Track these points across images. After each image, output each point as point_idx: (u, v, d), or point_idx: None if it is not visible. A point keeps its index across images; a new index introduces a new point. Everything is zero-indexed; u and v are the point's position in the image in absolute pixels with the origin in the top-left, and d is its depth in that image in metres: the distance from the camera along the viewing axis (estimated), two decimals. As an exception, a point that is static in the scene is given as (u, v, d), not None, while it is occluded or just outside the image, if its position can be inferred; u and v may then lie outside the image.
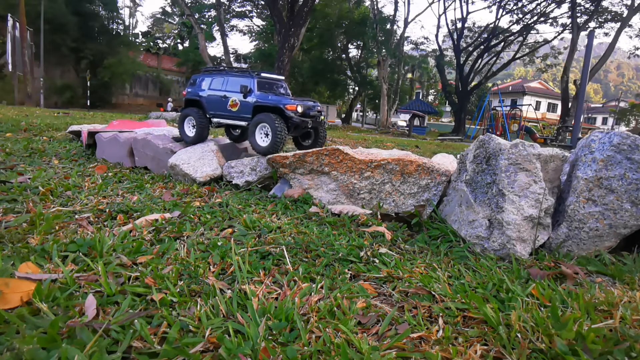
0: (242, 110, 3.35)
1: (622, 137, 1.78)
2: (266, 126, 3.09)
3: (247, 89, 3.30)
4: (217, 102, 3.51)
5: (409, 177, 2.43)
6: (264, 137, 3.12)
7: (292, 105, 3.14)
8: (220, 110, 3.50)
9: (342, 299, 1.25)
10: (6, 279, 1.18)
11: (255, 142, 3.15)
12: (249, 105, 3.30)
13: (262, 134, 3.13)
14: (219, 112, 3.51)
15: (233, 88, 3.44)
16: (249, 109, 3.29)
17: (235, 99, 3.37)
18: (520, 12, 23.43)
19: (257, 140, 3.14)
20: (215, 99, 3.52)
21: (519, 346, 1.01)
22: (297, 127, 3.23)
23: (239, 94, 3.36)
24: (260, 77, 3.42)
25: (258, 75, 3.42)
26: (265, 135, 3.10)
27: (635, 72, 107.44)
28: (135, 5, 34.43)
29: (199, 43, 20.53)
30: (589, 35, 8.98)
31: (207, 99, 3.58)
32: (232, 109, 3.40)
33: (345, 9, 27.35)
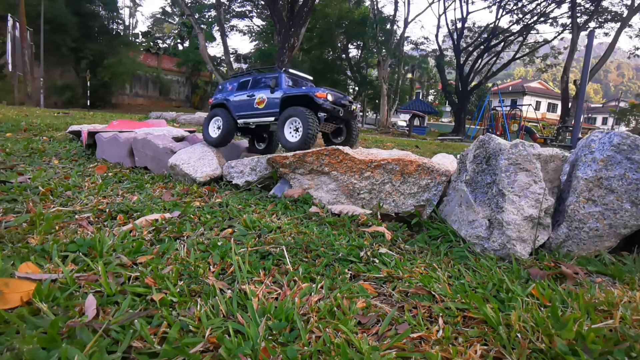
0: (269, 106, 3.27)
1: (622, 137, 1.78)
2: (296, 120, 2.97)
3: (275, 83, 3.23)
4: (243, 103, 3.45)
5: (409, 177, 2.43)
6: (293, 133, 3.01)
7: (322, 92, 3.04)
8: (246, 111, 3.43)
9: (342, 299, 1.25)
10: (6, 279, 1.18)
11: (284, 138, 3.05)
12: (277, 99, 3.21)
13: (291, 129, 3.02)
14: (246, 112, 3.44)
15: (259, 86, 3.39)
16: (277, 104, 3.20)
17: (262, 95, 3.31)
18: (520, 12, 23.44)
19: (287, 136, 3.04)
20: (242, 100, 3.46)
21: (519, 346, 1.01)
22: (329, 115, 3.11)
23: (265, 91, 3.30)
24: (287, 72, 3.37)
25: (286, 71, 3.37)
26: (295, 131, 2.99)
27: (635, 72, 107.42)
28: (135, 5, 34.42)
29: (199, 43, 20.53)
30: (589, 35, 8.99)
31: (233, 101, 3.53)
32: (258, 107, 3.33)
33: (345, 9, 27.36)
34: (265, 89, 3.32)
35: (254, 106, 3.35)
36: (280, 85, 3.24)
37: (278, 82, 3.24)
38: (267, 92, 3.28)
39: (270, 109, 3.25)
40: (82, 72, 23.33)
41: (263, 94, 3.30)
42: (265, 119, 3.33)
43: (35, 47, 20.16)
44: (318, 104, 3.00)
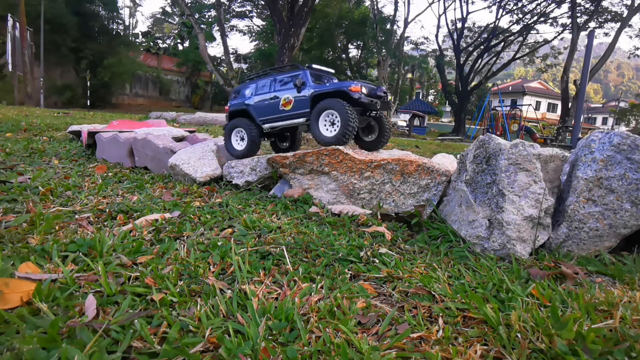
0: (297, 106, 3.02)
1: (622, 137, 1.78)
2: (332, 113, 2.74)
3: (301, 82, 2.98)
4: (267, 106, 3.18)
5: (409, 177, 2.43)
6: (329, 127, 2.77)
7: (356, 86, 2.80)
8: (272, 114, 3.16)
9: (342, 299, 1.25)
10: (6, 279, 1.18)
11: (318, 132, 2.80)
12: (306, 98, 2.97)
13: (326, 123, 2.79)
14: (271, 116, 3.17)
15: (282, 86, 3.13)
16: (306, 103, 2.96)
17: (288, 96, 3.05)
18: (520, 12, 23.45)
19: (322, 131, 2.80)
20: (265, 103, 3.20)
21: (519, 346, 1.01)
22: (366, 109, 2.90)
23: (291, 91, 3.05)
24: (311, 68, 3.15)
25: (309, 67, 3.14)
26: (331, 124, 2.77)
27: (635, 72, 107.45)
28: (135, 5, 34.43)
29: (199, 43, 20.52)
30: (589, 35, 8.99)
31: (254, 105, 3.26)
32: (285, 109, 3.07)
33: (345, 9, 27.36)
34: (290, 89, 3.06)
35: (280, 108, 3.10)
36: (307, 83, 2.99)
37: (304, 80, 2.99)
38: (292, 91, 3.03)
39: (299, 109, 3.01)
40: (82, 72, 23.33)
41: (288, 94, 3.05)
42: (294, 121, 3.07)
43: (35, 47, 20.15)
44: (354, 99, 2.76)
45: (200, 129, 7.25)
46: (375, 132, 3.16)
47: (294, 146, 3.60)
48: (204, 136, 4.49)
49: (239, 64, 31.15)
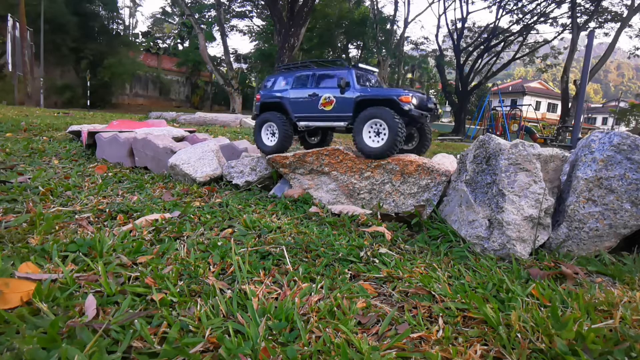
0: (339, 108, 2.80)
1: (622, 137, 1.78)
2: (379, 123, 2.53)
3: (346, 83, 2.76)
4: (304, 103, 2.95)
5: (409, 177, 2.43)
6: (373, 137, 2.56)
7: (406, 96, 2.58)
8: (309, 112, 2.94)
9: (342, 299, 1.25)
10: (6, 279, 1.18)
11: (362, 142, 2.58)
12: (349, 101, 2.74)
13: (372, 133, 2.57)
14: (308, 114, 2.95)
15: (324, 84, 2.90)
16: (349, 106, 2.75)
17: (329, 95, 2.83)
18: (520, 12, 23.43)
19: (365, 141, 2.57)
20: (302, 99, 2.97)
21: (519, 346, 1.01)
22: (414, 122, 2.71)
23: (332, 90, 2.83)
24: (357, 68, 2.91)
25: (355, 67, 2.91)
26: (376, 134, 2.55)
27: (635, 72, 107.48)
28: (135, 5, 34.45)
29: (199, 43, 20.53)
30: (589, 35, 8.99)
31: (290, 100, 3.02)
32: (324, 109, 2.85)
33: (345, 9, 27.36)
34: (331, 88, 2.84)
35: (319, 108, 2.88)
36: (351, 84, 2.78)
37: (348, 81, 2.78)
38: (334, 91, 2.82)
39: (341, 112, 2.79)
40: (82, 72, 23.34)
41: (330, 94, 2.82)
42: (333, 123, 2.86)
43: (35, 47, 20.15)
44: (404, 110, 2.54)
45: (200, 129, 7.25)
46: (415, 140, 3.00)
47: (323, 142, 3.40)
48: (204, 136, 4.49)
49: (239, 64, 31.16)
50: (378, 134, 2.56)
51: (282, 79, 3.15)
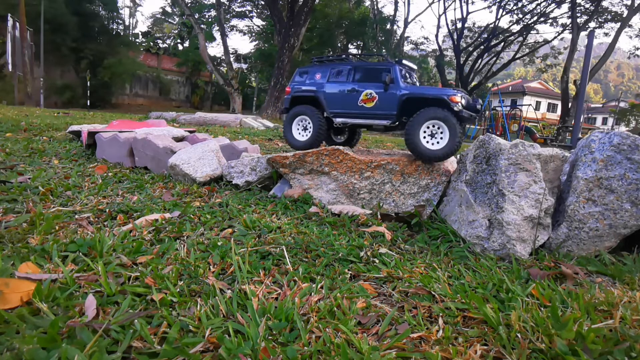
0: (382, 106, 2.65)
1: (622, 137, 1.78)
2: (437, 124, 2.39)
3: (391, 79, 2.62)
4: (342, 98, 2.80)
5: (409, 177, 2.43)
6: (428, 138, 2.42)
7: (454, 96, 2.46)
8: (347, 108, 2.79)
9: (342, 299, 1.25)
10: (6, 279, 1.18)
11: (419, 145, 2.41)
12: (394, 99, 2.60)
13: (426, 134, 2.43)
14: (346, 111, 2.80)
15: (364, 79, 2.76)
16: (393, 104, 2.60)
17: (371, 92, 2.68)
18: (520, 12, 23.44)
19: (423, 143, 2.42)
20: (340, 93, 2.82)
21: (519, 346, 1.01)
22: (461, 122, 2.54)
23: (374, 86, 2.69)
24: (401, 64, 2.77)
25: (399, 62, 2.77)
26: (431, 136, 2.41)
27: (635, 72, 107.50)
28: (135, 5, 34.47)
29: (199, 43, 20.53)
30: (589, 35, 8.99)
31: (327, 94, 2.87)
32: (365, 105, 2.71)
33: (345, 9, 27.37)
34: (373, 84, 2.70)
35: (358, 104, 2.74)
36: (396, 81, 2.64)
37: (394, 77, 2.64)
38: (377, 87, 2.68)
39: (384, 110, 2.65)
40: (82, 72, 23.34)
41: (372, 90, 2.68)
42: (374, 121, 2.72)
43: (35, 47, 20.16)
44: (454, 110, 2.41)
45: (200, 129, 7.25)
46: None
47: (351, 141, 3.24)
48: (204, 136, 4.49)
49: (239, 64, 31.16)
50: (433, 135, 2.42)
51: (316, 71, 2.99)
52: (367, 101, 2.70)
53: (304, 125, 2.93)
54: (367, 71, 2.78)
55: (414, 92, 2.59)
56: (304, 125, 2.93)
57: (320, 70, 2.99)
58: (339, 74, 2.89)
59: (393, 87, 2.63)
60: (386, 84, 2.63)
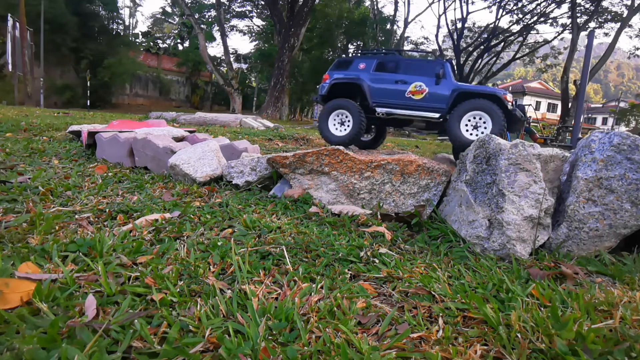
0: (432, 99, 2.69)
1: (622, 137, 1.78)
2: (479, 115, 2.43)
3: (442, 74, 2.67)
4: (388, 88, 2.80)
5: (409, 177, 2.43)
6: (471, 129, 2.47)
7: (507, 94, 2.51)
8: (393, 98, 2.78)
9: (342, 299, 1.25)
10: (6, 279, 1.18)
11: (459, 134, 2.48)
12: (446, 93, 2.64)
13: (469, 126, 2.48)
14: (392, 101, 2.79)
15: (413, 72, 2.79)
16: (445, 98, 2.64)
17: (421, 84, 2.72)
18: (520, 12, 23.45)
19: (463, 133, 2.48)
20: (386, 83, 2.82)
21: (519, 346, 1.01)
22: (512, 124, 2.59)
23: (425, 80, 2.72)
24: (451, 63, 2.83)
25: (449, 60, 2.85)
26: (474, 128, 2.46)
27: (635, 72, 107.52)
28: (135, 5, 34.48)
29: (199, 43, 20.54)
30: (589, 35, 8.99)
31: (371, 82, 2.86)
32: (414, 97, 2.73)
33: (345, 9, 27.39)
34: (423, 77, 2.71)
35: (406, 95, 2.75)
36: (447, 76, 2.68)
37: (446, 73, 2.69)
38: (427, 81, 2.70)
39: (434, 103, 2.67)
40: (82, 72, 23.35)
41: (422, 83, 2.71)
42: (423, 114, 2.71)
43: (35, 47, 20.16)
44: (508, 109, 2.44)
45: (200, 129, 7.25)
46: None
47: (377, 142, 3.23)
48: (204, 136, 4.49)
49: (239, 64, 31.18)
50: (476, 127, 2.45)
51: (360, 61, 2.99)
52: (416, 93, 2.71)
53: (341, 119, 2.88)
54: (417, 65, 2.79)
55: (467, 88, 2.61)
56: (341, 119, 2.88)
57: (365, 60, 2.96)
58: (386, 64, 2.87)
59: (445, 82, 2.65)
60: (438, 77, 2.65)
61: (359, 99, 2.85)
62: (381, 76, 2.82)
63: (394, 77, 2.77)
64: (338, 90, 2.93)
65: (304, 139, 7.25)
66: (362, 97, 2.82)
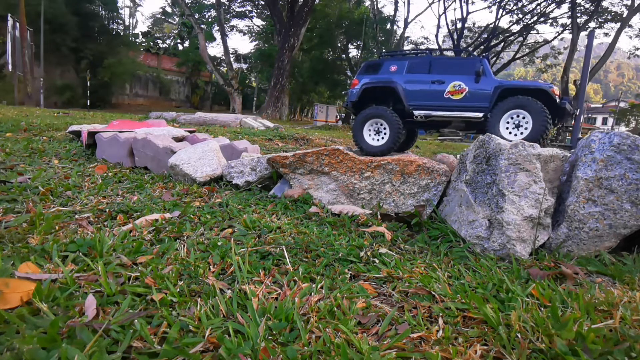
0: (473, 98, 2.59)
1: (622, 137, 1.78)
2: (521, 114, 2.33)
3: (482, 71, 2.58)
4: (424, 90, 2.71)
5: (409, 177, 2.43)
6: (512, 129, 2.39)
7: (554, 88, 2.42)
8: (430, 100, 2.69)
9: (342, 299, 1.25)
10: (6, 279, 1.18)
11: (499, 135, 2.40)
12: (487, 91, 2.54)
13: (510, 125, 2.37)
14: (430, 103, 2.69)
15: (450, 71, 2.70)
16: (487, 96, 2.54)
17: (460, 84, 2.63)
18: (520, 12, 23.46)
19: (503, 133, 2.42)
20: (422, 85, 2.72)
21: (519, 346, 1.01)
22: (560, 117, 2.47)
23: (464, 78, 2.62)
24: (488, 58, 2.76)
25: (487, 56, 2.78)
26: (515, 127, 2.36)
27: (635, 72, 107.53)
28: (135, 5, 34.49)
29: (199, 43, 20.55)
30: (589, 35, 8.99)
31: (406, 84, 2.76)
32: (453, 97, 2.64)
33: (345, 9, 27.40)
34: (461, 76, 2.62)
35: (444, 96, 2.66)
36: (487, 73, 2.59)
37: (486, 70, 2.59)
38: (466, 79, 2.60)
39: (475, 102, 2.57)
40: (82, 72, 23.35)
41: (461, 82, 2.61)
42: (464, 114, 2.61)
43: (35, 47, 20.16)
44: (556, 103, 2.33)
45: (200, 129, 7.25)
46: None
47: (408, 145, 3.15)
48: (204, 136, 4.49)
49: (239, 64, 31.18)
50: (518, 126, 2.34)
51: (390, 64, 2.89)
52: (456, 93, 2.63)
53: (376, 128, 2.79)
54: (453, 63, 2.70)
55: (510, 84, 2.51)
56: (376, 128, 2.79)
57: (396, 62, 2.87)
58: (420, 65, 2.78)
59: (485, 80, 2.56)
60: (478, 75, 2.56)
61: (392, 102, 2.77)
62: (416, 77, 2.73)
63: (430, 77, 2.69)
64: (369, 95, 2.84)
65: (304, 139, 7.25)
66: (395, 100, 2.74)
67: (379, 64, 2.93)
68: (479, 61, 2.60)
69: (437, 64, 2.71)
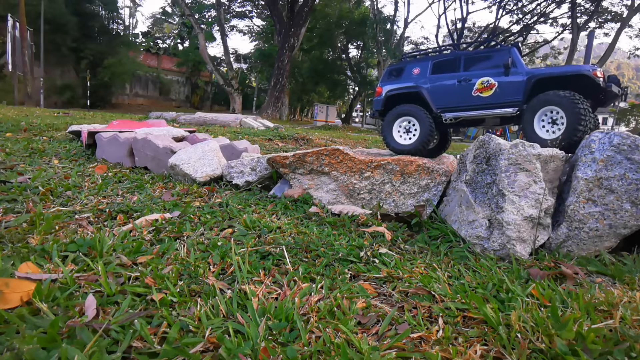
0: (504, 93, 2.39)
1: (622, 137, 1.78)
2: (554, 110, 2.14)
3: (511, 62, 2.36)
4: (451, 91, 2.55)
5: (409, 177, 2.43)
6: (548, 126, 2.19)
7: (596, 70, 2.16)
8: (458, 101, 2.53)
9: (342, 299, 1.25)
10: (6, 279, 1.18)
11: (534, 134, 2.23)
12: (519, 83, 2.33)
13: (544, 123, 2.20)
14: (457, 104, 2.54)
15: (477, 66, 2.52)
16: (519, 89, 2.33)
17: (488, 79, 2.44)
18: (520, 12, 23.45)
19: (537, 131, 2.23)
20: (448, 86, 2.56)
21: (519, 346, 1.01)
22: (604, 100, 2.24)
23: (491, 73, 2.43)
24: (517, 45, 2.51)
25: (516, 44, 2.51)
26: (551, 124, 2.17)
27: (635, 72, 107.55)
28: (135, 5, 34.48)
29: (199, 43, 20.55)
30: (589, 35, 9.00)
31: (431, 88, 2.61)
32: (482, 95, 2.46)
33: (345, 9, 27.39)
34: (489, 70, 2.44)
35: (473, 94, 2.48)
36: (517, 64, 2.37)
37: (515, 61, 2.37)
38: (494, 73, 2.42)
39: (507, 97, 2.37)
40: (82, 72, 23.34)
41: (489, 77, 2.44)
42: (497, 111, 2.42)
43: (35, 47, 20.15)
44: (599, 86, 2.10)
45: (200, 129, 7.25)
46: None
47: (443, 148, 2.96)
48: (204, 136, 4.49)
49: (239, 64, 31.17)
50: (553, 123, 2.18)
51: (413, 67, 2.74)
52: (484, 90, 2.45)
53: (406, 127, 2.67)
54: (478, 57, 2.52)
55: (545, 72, 2.30)
56: (406, 127, 2.67)
57: (418, 64, 2.72)
58: (444, 65, 2.62)
59: (515, 71, 2.37)
60: (507, 67, 2.36)
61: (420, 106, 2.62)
62: (440, 78, 2.56)
63: (456, 76, 2.51)
64: (394, 103, 2.69)
65: (304, 139, 7.25)
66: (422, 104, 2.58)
67: (401, 69, 2.79)
68: (508, 51, 2.39)
69: (462, 60, 2.54)
